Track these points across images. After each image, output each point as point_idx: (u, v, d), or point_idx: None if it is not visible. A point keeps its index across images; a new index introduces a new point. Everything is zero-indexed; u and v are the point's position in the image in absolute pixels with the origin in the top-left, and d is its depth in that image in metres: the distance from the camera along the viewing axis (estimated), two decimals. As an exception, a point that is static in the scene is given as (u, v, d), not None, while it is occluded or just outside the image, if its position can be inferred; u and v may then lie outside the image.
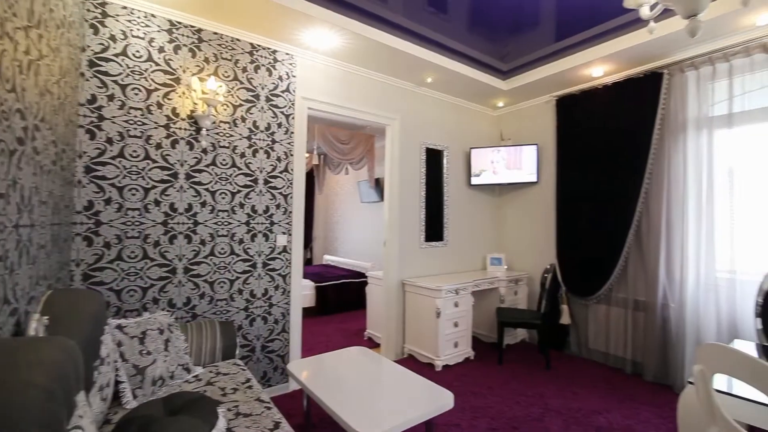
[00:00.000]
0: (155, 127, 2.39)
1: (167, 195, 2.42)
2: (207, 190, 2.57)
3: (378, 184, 5.68)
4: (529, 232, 4.28)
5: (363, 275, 5.60)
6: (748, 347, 1.96)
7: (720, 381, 1.51)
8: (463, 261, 4.29)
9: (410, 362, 3.50)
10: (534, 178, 4.11)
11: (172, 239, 2.44)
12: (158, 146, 2.40)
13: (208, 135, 2.57)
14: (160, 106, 2.41)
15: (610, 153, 3.42)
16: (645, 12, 1.58)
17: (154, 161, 2.38)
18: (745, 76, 2.74)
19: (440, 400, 1.83)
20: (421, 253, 3.89)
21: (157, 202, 2.39)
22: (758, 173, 2.71)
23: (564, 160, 3.82)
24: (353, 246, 6.78)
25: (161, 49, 2.42)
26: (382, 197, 5.46)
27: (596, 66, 3.34)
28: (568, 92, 3.81)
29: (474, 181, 4.29)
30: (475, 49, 3.49)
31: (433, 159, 4.02)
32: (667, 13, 1.66)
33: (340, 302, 5.43)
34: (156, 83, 2.40)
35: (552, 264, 3.68)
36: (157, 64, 2.41)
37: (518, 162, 4.17)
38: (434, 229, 4.00)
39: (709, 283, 2.87)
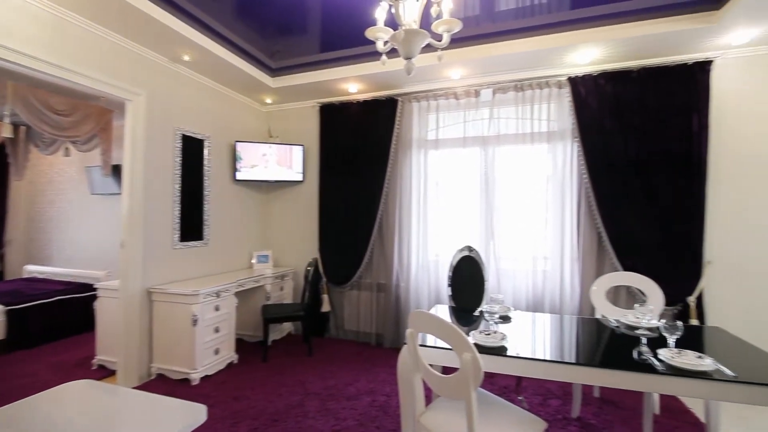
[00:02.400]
0: None
1: None
2: None
3: (117, 172, 4.58)
4: (295, 228, 4.46)
5: (92, 288, 4.38)
6: (443, 310, 2.69)
7: (430, 338, 1.99)
8: (227, 261, 4.02)
9: (159, 383, 3.00)
10: (300, 177, 4.31)
11: None
12: None
13: None
14: None
15: (361, 160, 3.99)
16: (380, 46, 1.91)
17: None
18: (445, 113, 3.78)
19: (189, 417, 1.61)
20: (174, 254, 3.39)
21: None
22: (452, 185, 3.80)
23: (326, 162, 4.19)
24: (79, 251, 5.22)
25: None
26: (123, 189, 4.42)
27: (352, 83, 3.82)
28: (330, 101, 4.20)
29: (239, 176, 4.09)
30: (241, 38, 3.32)
31: (192, 149, 3.58)
32: (397, 51, 2.15)
33: (53, 328, 4.07)
34: None
35: (315, 258, 3.97)
36: None
37: (286, 160, 4.27)
38: (192, 227, 3.56)
39: (424, 265, 3.80)
